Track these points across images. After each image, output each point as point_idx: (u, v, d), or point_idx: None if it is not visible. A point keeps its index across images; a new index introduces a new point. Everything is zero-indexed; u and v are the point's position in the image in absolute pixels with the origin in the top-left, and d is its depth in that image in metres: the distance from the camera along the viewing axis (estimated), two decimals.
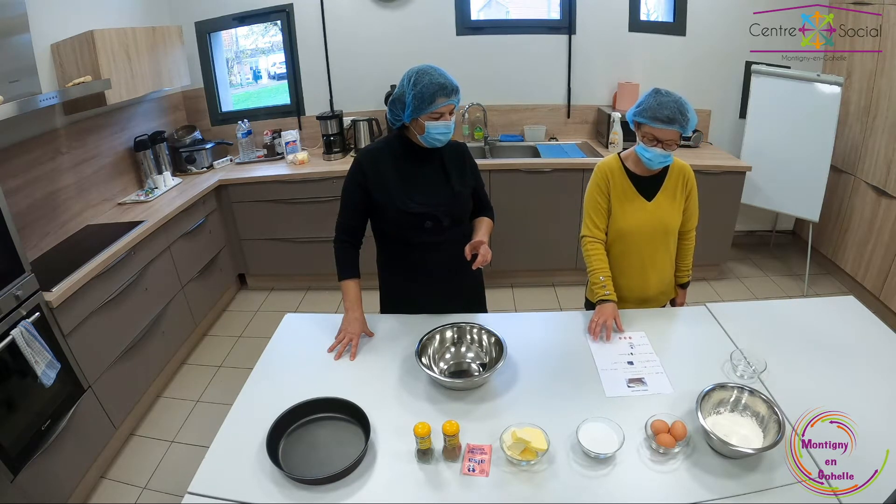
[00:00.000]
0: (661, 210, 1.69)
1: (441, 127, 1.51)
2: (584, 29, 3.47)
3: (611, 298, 1.64)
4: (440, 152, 1.62)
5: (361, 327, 1.60)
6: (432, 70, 1.48)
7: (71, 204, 2.62)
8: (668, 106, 1.51)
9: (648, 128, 1.55)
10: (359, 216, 1.65)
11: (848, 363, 1.43)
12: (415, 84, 1.46)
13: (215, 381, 2.72)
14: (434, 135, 1.52)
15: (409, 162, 1.61)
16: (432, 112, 1.48)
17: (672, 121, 1.50)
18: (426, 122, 1.49)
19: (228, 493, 1.11)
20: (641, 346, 1.53)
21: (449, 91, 1.48)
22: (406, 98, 1.49)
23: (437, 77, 1.47)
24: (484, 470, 1.14)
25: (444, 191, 1.61)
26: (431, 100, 1.46)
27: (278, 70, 3.89)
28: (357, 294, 1.64)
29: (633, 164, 1.69)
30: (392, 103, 1.54)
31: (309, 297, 3.50)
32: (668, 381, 1.39)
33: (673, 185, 1.69)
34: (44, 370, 1.79)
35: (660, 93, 1.54)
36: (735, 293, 3.35)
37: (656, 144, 1.55)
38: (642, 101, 1.57)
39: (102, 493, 2.10)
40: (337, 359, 1.52)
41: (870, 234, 3.06)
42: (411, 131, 1.56)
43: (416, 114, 1.49)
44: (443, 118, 1.50)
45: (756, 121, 3.32)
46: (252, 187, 3.25)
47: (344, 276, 1.66)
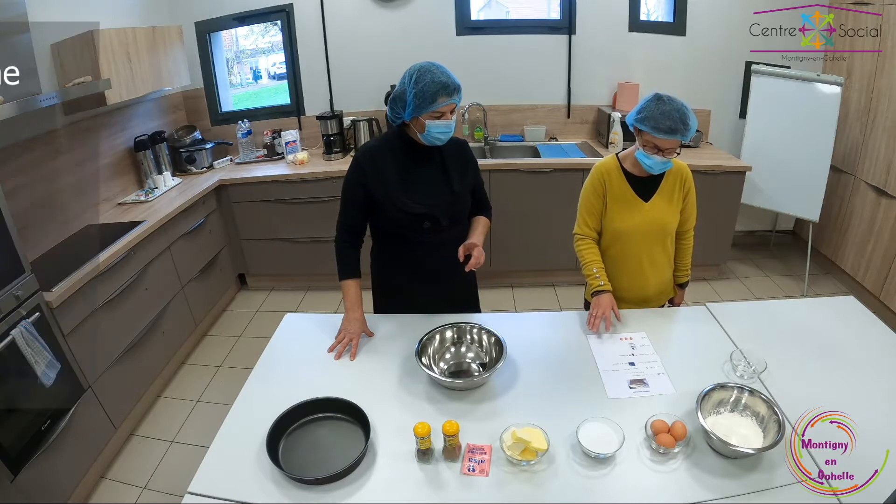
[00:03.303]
0: (659, 211, 1.69)
1: (442, 126, 1.49)
2: (584, 29, 3.47)
3: (606, 289, 1.65)
4: (440, 150, 1.60)
5: (361, 327, 1.60)
6: (434, 68, 1.46)
7: (71, 204, 2.61)
8: (670, 116, 1.49)
9: (650, 136, 1.53)
10: (359, 215, 1.64)
11: (848, 363, 1.43)
12: (416, 82, 1.44)
13: (215, 381, 2.72)
14: (434, 133, 1.50)
15: (409, 160, 1.59)
16: (433, 111, 1.46)
17: (674, 131, 1.49)
18: (427, 120, 1.48)
19: (228, 493, 1.11)
20: (642, 347, 1.53)
21: (451, 90, 1.46)
22: (407, 96, 1.47)
23: (439, 75, 1.45)
24: (484, 470, 1.14)
25: (444, 190, 1.60)
26: (433, 99, 1.44)
27: (278, 70, 3.89)
28: (357, 294, 1.64)
29: (631, 166, 1.68)
30: (393, 101, 1.52)
31: (309, 297, 3.50)
32: (670, 381, 1.39)
33: (670, 186, 1.69)
34: (44, 370, 1.79)
35: (662, 100, 1.51)
36: (735, 293, 3.35)
37: (657, 153, 1.55)
38: (643, 108, 1.54)
39: (102, 493, 2.10)
40: (337, 358, 1.52)
41: (870, 234, 3.06)
42: (412, 129, 1.55)
43: (416, 112, 1.47)
44: (444, 117, 1.49)
45: (756, 121, 3.32)
46: (252, 187, 3.25)
47: (344, 275, 1.66)
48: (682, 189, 1.70)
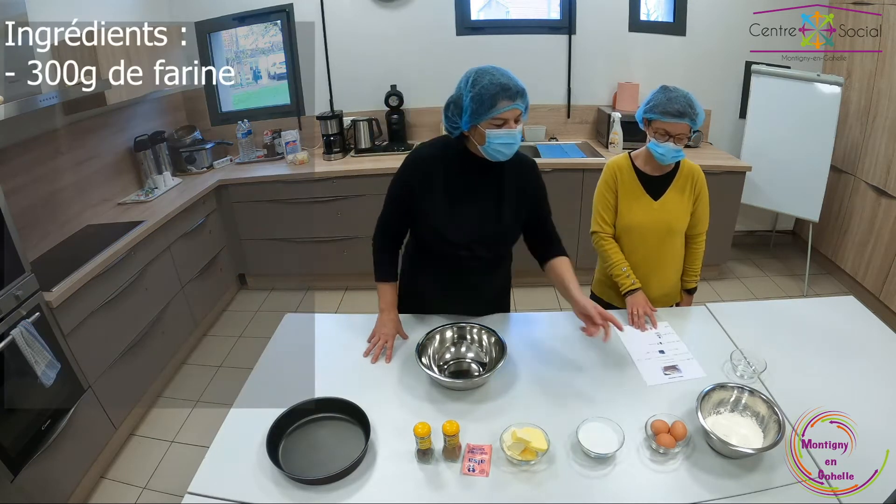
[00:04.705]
0: (667, 209, 1.70)
1: (504, 136, 1.34)
2: (584, 29, 3.47)
3: (637, 286, 1.68)
4: (502, 167, 1.44)
5: (396, 329, 1.55)
6: (493, 70, 1.33)
7: (71, 204, 2.62)
8: (677, 100, 1.54)
9: (659, 123, 1.57)
10: (401, 217, 1.53)
11: (848, 363, 1.43)
12: (473, 84, 1.31)
13: (215, 381, 2.72)
14: (496, 145, 1.35)
15: (463, 176, 1.44)
16: (493, 117, 1.32)
17: (682, 114, 1.54)
18: (487, 129, 1.33)
19: (228, 493, 1.11)
20: (668, 335, 1.57)
21: (513, 93, 1.31)
22: (464, 101, 1.33)
23: (499, 77, 1.31)
24: (484, 470, 1.14)
25: (491, 221, 1.47)
26: (492, 102, 1.30)
27: (278, 70, 3.89)
28: (393, 296, 1.58)
29: (643, 163, 1.71)
30: (448, 108, 1.38)
31: (309, 297, 3.50)
32: (700, 366, 1.44)
33: (681, 186, 1.70)
34: (44, 370, 1.79)
35: (668, 89, 1.58)
36: (735, 293, 3.35)
37: (668, 139, 1.58)
38: (651, 98, 1.60)
39: (102, 493, 2.10)
40: (374, 362, 1.48)
41: (870, 234, 3.06)
42: (471, 141, 1.40)
43: (474, 119, 1.33)
44: (506, 125, 1.34)
45: (756, 121, 3.32)
46: (252, 187, 3.25)
47: (381, 277, 1.58)
48: (693, 191, 1.71)
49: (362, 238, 3.31)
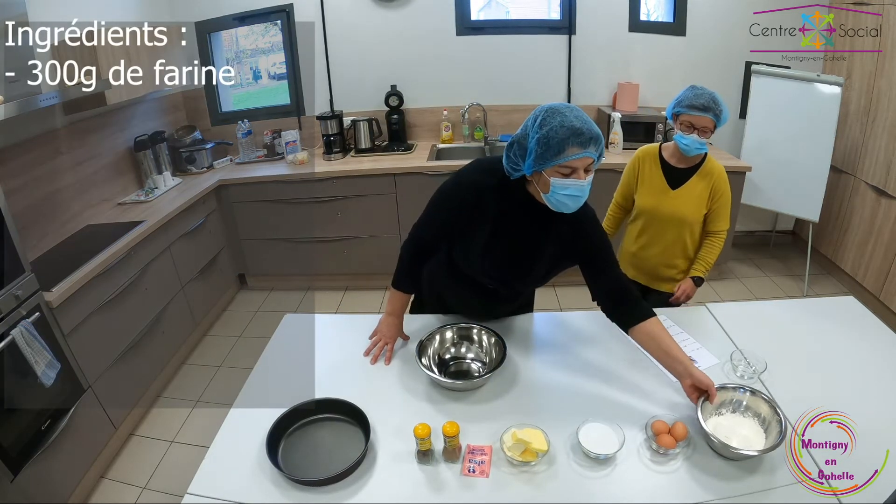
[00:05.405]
0: (681, 200, 1.80)
1: (571, 187, 1.19)
2: (584, 29, 3.47)
3: None
4: (558, 215, 1.28)
5: (398, 332, 1.55)
6: (567, 109, 1.18)
7: (71, 204, 2.62)
8: (703, 96, 1.69)
9: (686, 116, 1.71)
10: (441, 237, 1.43)
11: (848, 363, 1.43)
12: (542, 125, 1.17)
13: (215, 381, 2.72)
14: (560, 196, 1.20)
15: (514, 216, 1.32)
16: (560, 165, 1.18)
17: (707, 108, 1.67)
18: (552, 177, 1.19)
19: (228, 493, 1.11)
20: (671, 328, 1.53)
21: (585, 139, 1.16)
22: (529, 142, 1.19)
23: (572, 119, 1.16)
24: (484, 471, 1.14)
25: (523, 266, 1.38)
26: (560, 148, 1.15)
27: (278, 70, 3.89)
28: (402, 307, 1.55)
29: (670, 155, 1.83)
30: (511, 147, 1.24)
31: (309, 297, 3.50)
32: (710, 353, 1.47)
33: (700, 181, 1.79)
34: (44, 370, 1.79)
35: (695, 87, 1.72)
36: (735, 293, 3.35)
37: (692, 131, 1.71)
38: (680, 96, 1.75)
39: (102, 493, 2.10)
40: (373, 363, 1.49)
41: (870, 234, 3.06)
42: (533, 185, 1.27)
43: (539, 165, 1.18)
44: (574, 174, 1.18)
45: (756, 121, 3.32)
46: (252, 187, 3.25)
47: (398, 286, 1.53)
48: (711, 187, 1.80)
49: (362, 238, 3.31)
